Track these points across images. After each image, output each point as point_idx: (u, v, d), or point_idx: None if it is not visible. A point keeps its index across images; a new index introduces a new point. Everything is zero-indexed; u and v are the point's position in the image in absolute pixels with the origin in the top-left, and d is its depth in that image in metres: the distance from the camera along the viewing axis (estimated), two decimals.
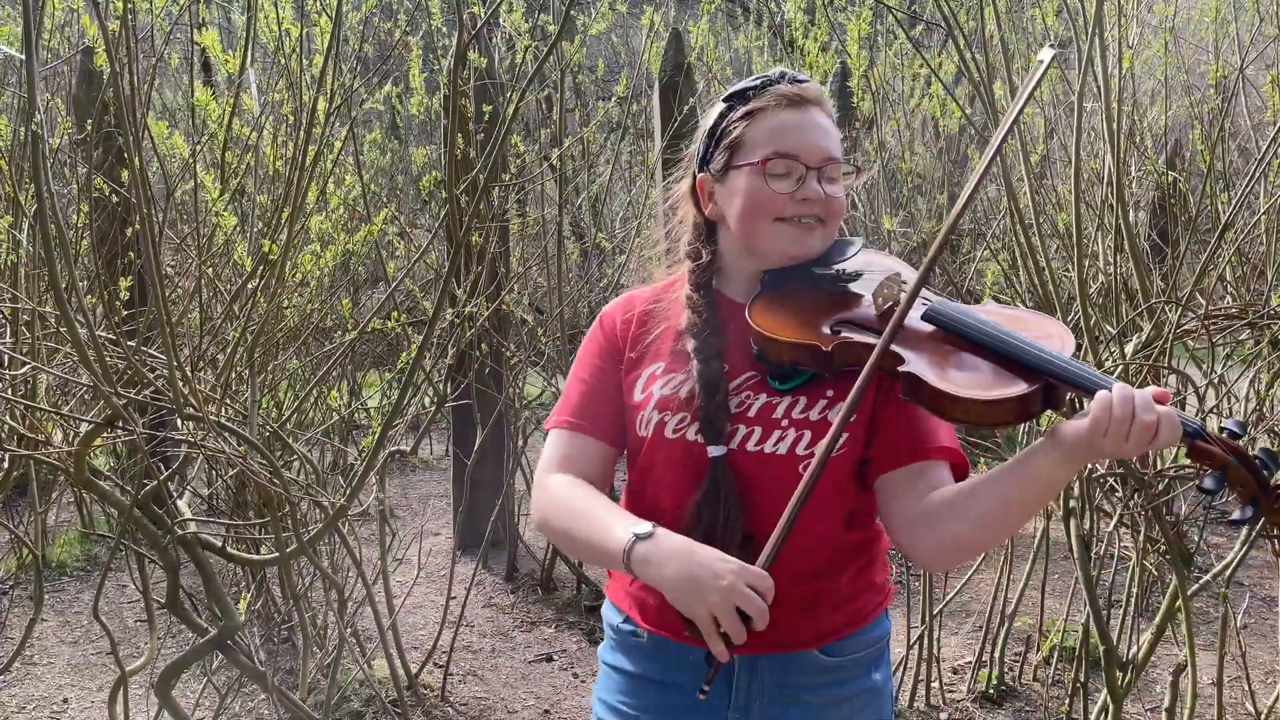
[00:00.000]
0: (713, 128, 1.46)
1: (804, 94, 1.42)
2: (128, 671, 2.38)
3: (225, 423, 2.26)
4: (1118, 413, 1.12)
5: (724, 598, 1.20)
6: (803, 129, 1.40)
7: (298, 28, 2.54)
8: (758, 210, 1.40)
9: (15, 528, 3.51)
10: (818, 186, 1.38)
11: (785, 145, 1.39)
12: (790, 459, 1.34)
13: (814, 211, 1.39)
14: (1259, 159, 2.41)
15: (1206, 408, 2.73)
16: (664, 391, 1.41)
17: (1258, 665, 3.50)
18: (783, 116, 1.40)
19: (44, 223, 1.74)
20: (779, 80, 1.43)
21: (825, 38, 4.23)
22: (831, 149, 1.41)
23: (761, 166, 1.39)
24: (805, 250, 1.40)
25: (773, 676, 1.42)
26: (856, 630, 1.44)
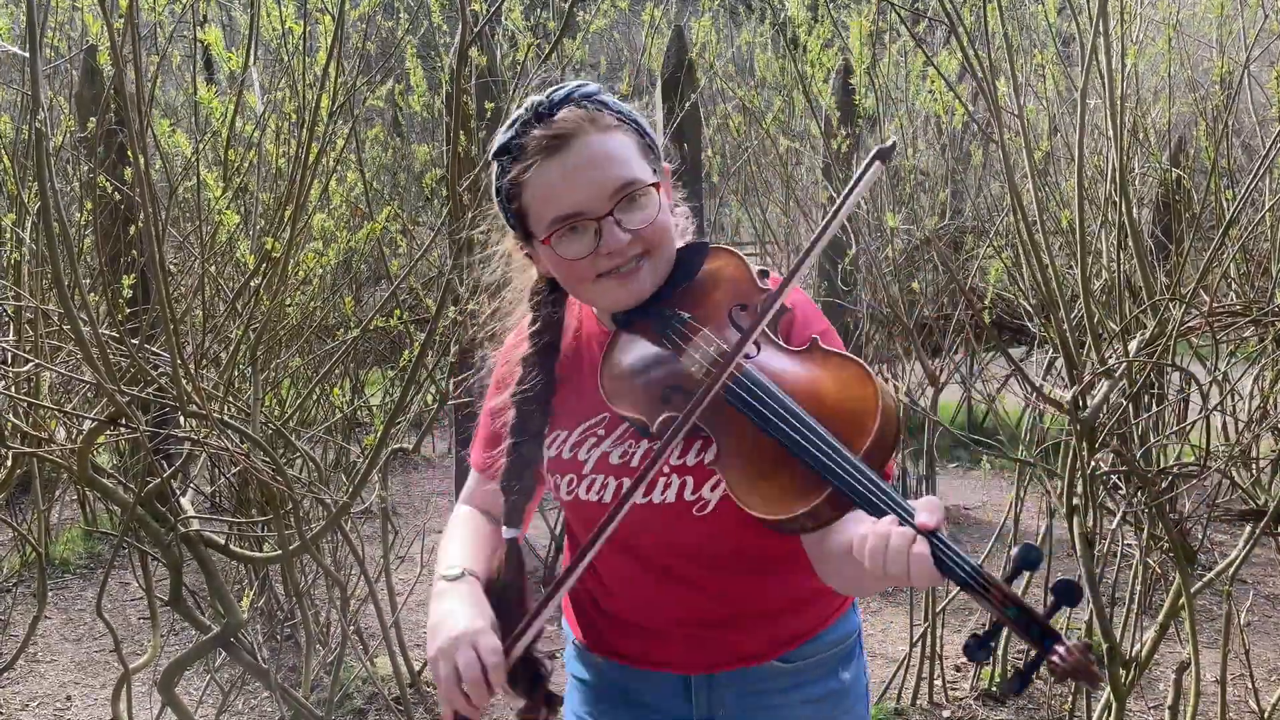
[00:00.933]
0: (498, 191, 1.31)
1: (560, 130, 1.23)
2: (131, 669, 2.38)
3: (228, 420, 2.26)
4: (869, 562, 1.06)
5: (445, 650, 1.19)
6: (571, 177, 1.22)
7: (300, 26, 2.53)
8: (573, 279, 1.28)
9: (19, 525, 3.51)
10: (617, 232, 1.22)
11: (561, 208, 1.23)
12: (680, 506, 1.29)
13: (628, 257, 1.24)
14: (1263, 155, 2.41)
15: (1210, 405, 2.72)
16: (552, 453, 1.37)
17: (1261, 663, 3.49)
18: (547, 172, 1.23)
19: (47, 220, 1.74)
20: (532, 120, 1.25)
21: (828, 35, 4.23)
22: (618, 176, 1.22)
23: (546, 244, 1.25)
24: (637, 295, 1.27)
25: (732, 689, 1.40)
26: (816, 634, 1.41)
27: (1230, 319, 2.66)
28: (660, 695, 1.43)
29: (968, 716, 3.25)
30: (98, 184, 2.95)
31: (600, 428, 1.34)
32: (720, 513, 1.28)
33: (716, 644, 1.39)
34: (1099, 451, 2.45)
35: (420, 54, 4.11)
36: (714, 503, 1.28)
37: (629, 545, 1.33)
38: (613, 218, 1.22)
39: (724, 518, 1.27)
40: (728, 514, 1.24)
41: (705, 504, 1.29)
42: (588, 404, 1.34)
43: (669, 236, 1.29)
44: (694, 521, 1.29)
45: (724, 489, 1.22)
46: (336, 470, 3.52)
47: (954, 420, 5.96)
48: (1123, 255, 2.64)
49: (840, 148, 4.20)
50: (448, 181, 2.46)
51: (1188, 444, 3.16)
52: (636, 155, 1.26)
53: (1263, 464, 2.82)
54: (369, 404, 4.16)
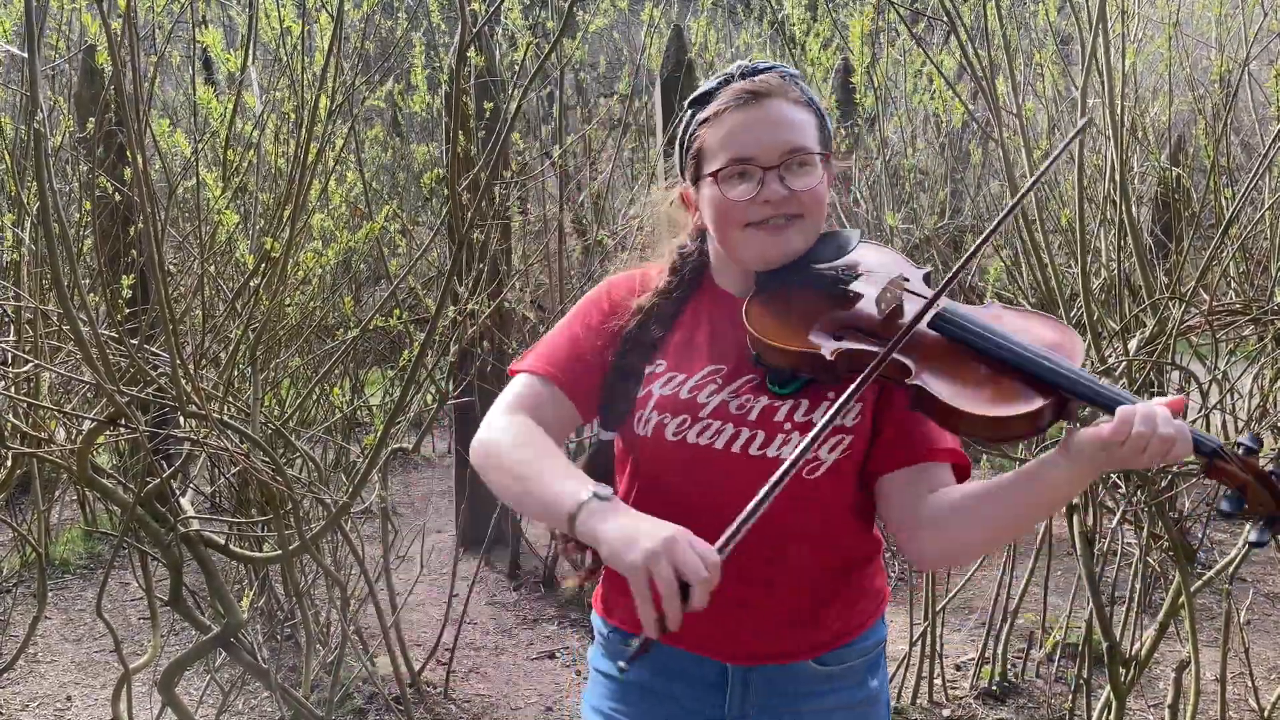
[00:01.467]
0: (679, 137, 1.43)
1: (758, 88, 1.35)
2: (131, 669, 2.38)
3: (228, 420, 2.26)
4: (1140, 428, 1.11)
5: (663, 548, 1.10)
6: (756, 127, 1.33)
7: (299, 26, 2.53)
8: (724, 221, 1.35)
9: (18, 525, 3.51)
10: (778, 186, 1.32)
11: (738, 149, 1.33)
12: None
13: (780, 211, 1.33)
14: (1262, 154, 2.41)
15: (1210, 404, 2.72)
16: (664, 391, 1.36)
17: (1261, 662, 3.50)
18: (736, 118, 1.35)
19: (46, 221, 1.74)
20: (736, 77, 1.38)
21: (827, 34, 4.23)
22: (793, 140, 1.34)
23: (715, 178, 1.34)
24: (783, 252, 1.35)
25: (766, 688, 1.40)
26: (853, 640, 1.42)
27: (1230, 317, 2.66)
28: (694, 689, 1.42)
29: (967, 715, 3.25)
30: (97, 184, 2.95)
31: (719, 376, 1.36)
32: (826, 477, 1.32)
33: (764, 632, 1.38)
34: None
35: (421, 52, 4.11)
36: (826, 465, 1.32)
37: (724, 492, 1.27)
38: (778, 171, 1.32)
39: (828, 483, 1.32)
40: (831, 480, 1.32)
41: (819, 465, 1.32)
42: (707, 351, 1.38)
43: (822, 209, 1.37)
44: (799, 481, 1.29)
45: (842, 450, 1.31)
46: (336, 470, 3.52)
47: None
48: (1122, 254, 2.64)
49: (840, 147, 4.20)
50: (447, 181, 2.46)
51: None
52: (814, 133, 1.37)
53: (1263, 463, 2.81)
54: (369, 404, 4.17)
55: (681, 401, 1.35)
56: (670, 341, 1.40)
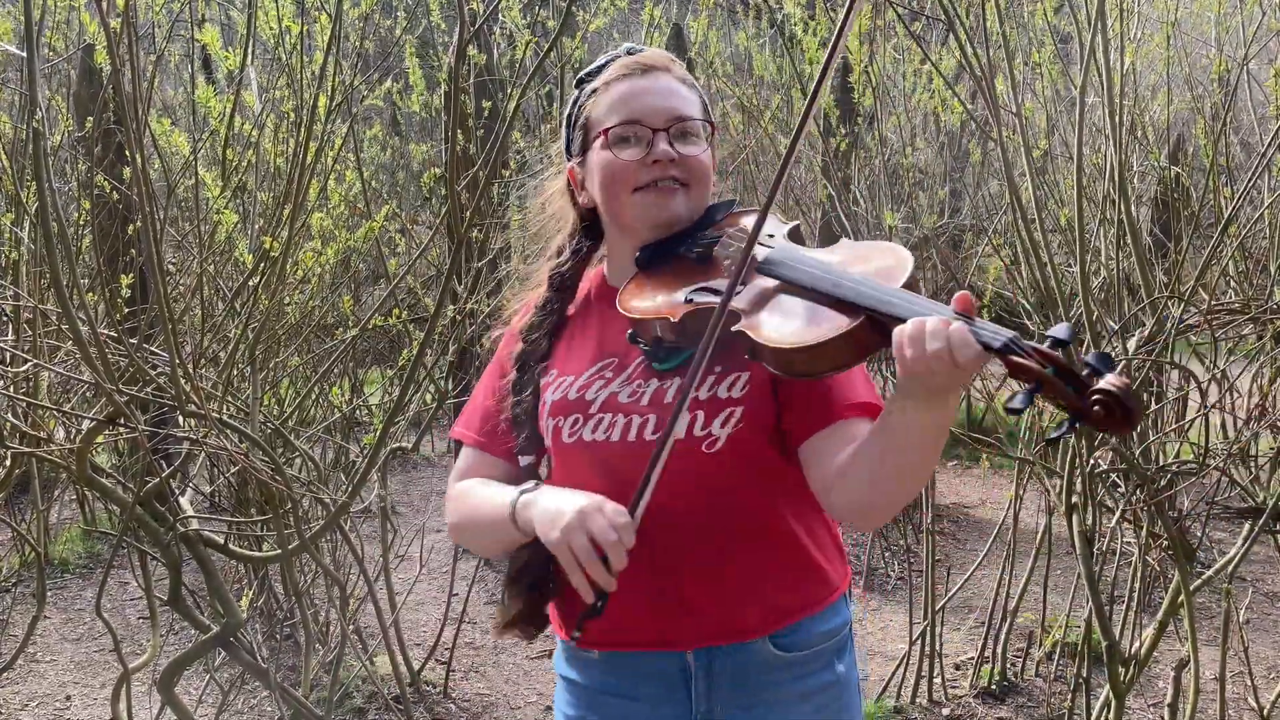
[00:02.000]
0: (569, 114, 1.46)
1: (645, 61, 1.41)
2: (130, 669, 2.38)
3: (227, 420, 2.26)
4: (909, 351, 1.07)
5: (577, 521, 1.21)
6: (644, 94, 1.38)
7: (298, 25, 2.53)
8: (614, 183, 1.38)
9: (18, 525, 3.51)
10: (666, 147, 1.35)
11: (627, 112, 1.37)
12: (689, 442, 1.31)
13: (668, 173, 1.36)
14: (1262, 153, 2.41)
15: (1209, 403, 2.72)
16: (554, 397, 1.40)
17: (1260, 661, 3.50)
18: (624, 85, 1.39)
19: (45, 220, 1.74)
20: (624, 54, 1.43)
21: (825, 33, 4.23)
22: (679, 108, 1.38)
23: (605, 137, 1.37)
24: (669, 215, 1.37)
25: (730, 678, 1.40)
26: (808, 617, 1.41)
27: (1229, 316, 2.66)
28: (659, 688, 1.41)
29: (967, 714, 3.25)
30: (96, 183, 2.95)
31: (609, 370, 1.39)
32: (728, 451, 1.32)
33: (709, 611, 1.38)
34: (1098, 449, 2.45)
35: (418, 53, 4.11)
36: (723, 439, 1.32)
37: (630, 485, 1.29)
38: (666, 134, 1.36)
39: (731, 457, 1.32)
40: (735, 454, 1.31)
41: (715, 440, 1.32)
42: (596, 349, 1.41)
43: (707, 179, 1.40)
44: (702, 459, 1.32)
45: (735, 422, 1.30)
46: (335, 469, 3.52)
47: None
48: (1121, 253, 2.64)
49: (839, 146, 4.20)
50: (446, 180, 2.46)
51: (1187, 442, 3.17)
52: (699, 109, 1.42)
53: (1261, 461, 2.82)
54: (368, 403, 4.16)
55: (570, 402, 1.39)
56: (557, 349, 1.46)
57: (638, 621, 1.39)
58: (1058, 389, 1.02)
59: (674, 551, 1.36)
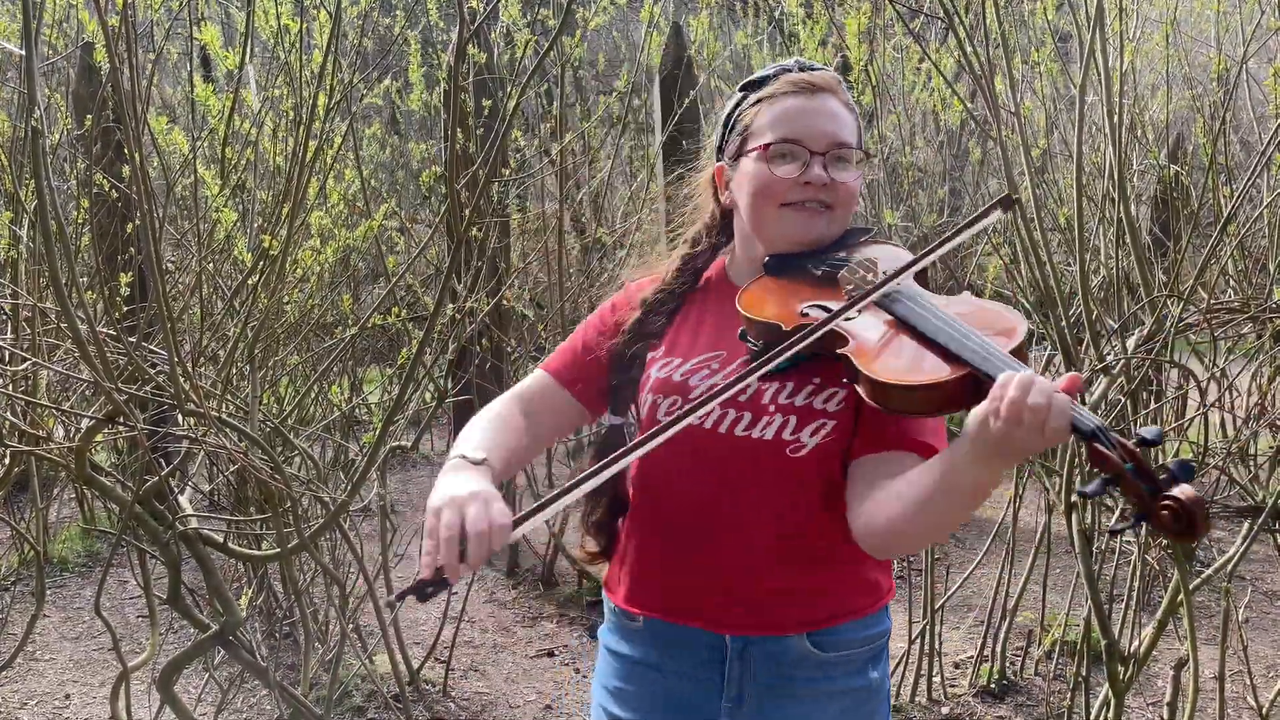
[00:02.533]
0: (728, 116, 1.49)
1: (815, 81, 1.43)
2: (130, 667, 2.38)
3: (226, 418, 2.26)
4: (1012, 393, 1.07)
5: (457, 502, 1.20)
6: (809, 114, 1.40)
7: (297, 23, 2.53)
8: (763, 195, 1.41)
9: (17, 524, 3.51)
10: (821, 171, 1.39)
11: (790, 130, 1.40)
12: (776, 444, 1.35)
13: (818, 196, 1.39)
14: (1261, 152, 2.41)
15: (1209, 401, 2.72)
16: (659, 375, 1.44)
17: (1259, 660, 3.50)
18: (791, 102, 1.42)
19: (44, 218, 1.74)
20: (792, 69, 1.46)
21: (824, 31, 4.22)
22: (840, 134, 1.41)
23: (764, 152, 1.40)
24: (810, 235, 1.41)
25: (763, 666, 1.42)
26: (848, 622, 1.43)
27: (1228, 315, 2.66)
28: (694, 665, 1.45)
29: (966, 713, 3.25)
30: (95, 182, 2.94)
31: (715, 361, 1.42)
32: (811, 459, 1.35)
33: (754, 606, 1.40)
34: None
35: (419, 50, 4.10)
36: (809, 447, 1.35)
37: (712, 477, 1.39)
38: (823, 158, 1.39)
39: (813, 466, 1.35)
40: (816, 465, 1.35)
41: (801, 447, 1.35)
42: (708, 339, 1.45)
43: (851, 205, 1.44)
44: (785, 461, 1.35)
45: (824, 434, 1.34)
46: (335, 468, 3.52)
47: (952, 417, 5.96)
48: (1121, 252, 2.64)
49: None
50: (445, 179, 2.46)
51: (1186, 440, 3.17)
52: (856, 135, 1.45)
53: (1260, 460, 2.82)
54: (367, 402, 4.17)
55: (674, 384, 1.42)
56: (671, 331, 1.49)
57: (685, 596, 1.44)
58: (1133, 487, 1.05)
59: (735, 545, 1.40)
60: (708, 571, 1.42)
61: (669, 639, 1.46)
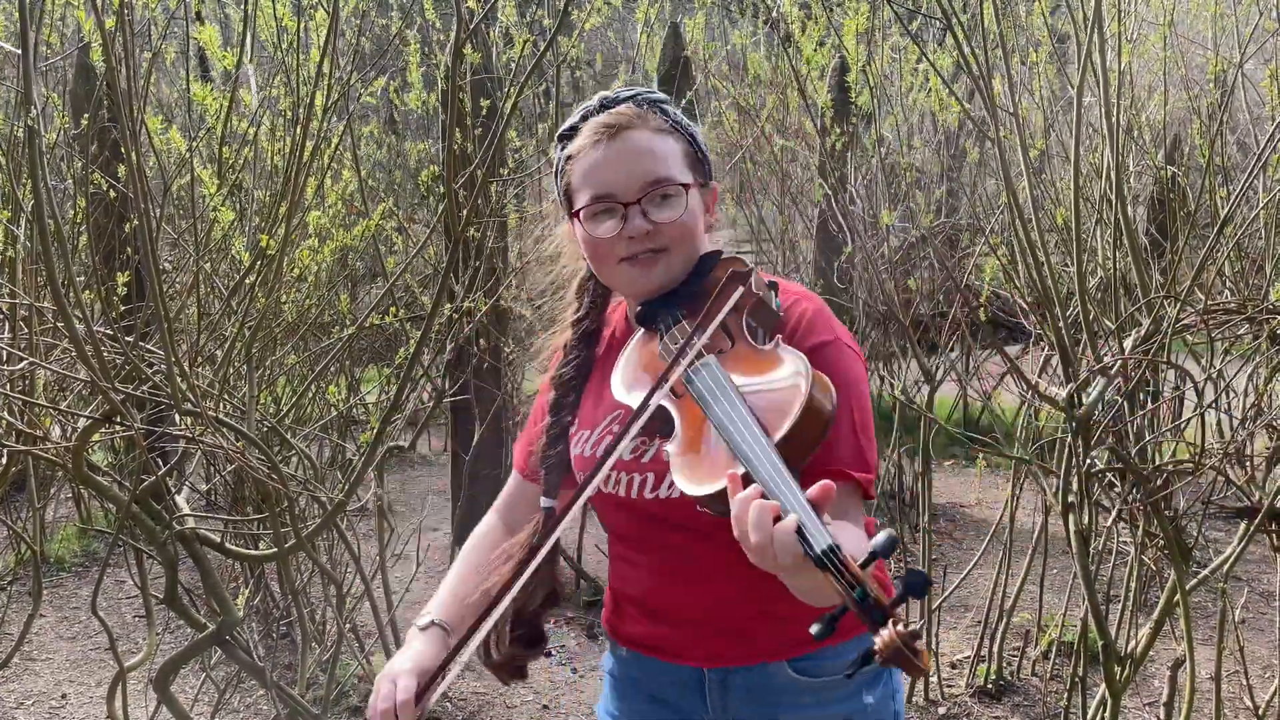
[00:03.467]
0: (556, 173, 1.44)
1: (614, 121, 1.36)
2: (126, 667, 2.38)
3: (223, 418, 2.26)
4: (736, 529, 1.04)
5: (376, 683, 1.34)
6: (614, 164, 1.34)
7: (295, 22, 2.53)
8: (596, 258, 1.38)
9: (14, 523, 3.50)
10: (640, 221, 1.32)
11: (599, 186, 1.34)
12: (685, 501, 1.26)
13: (645, 246, 1.34)
14: (1258, 154, 2.41)
15: (1205, 403, 2.72)
16: (576, 452, 1.44)
17: (1256, 660, 3.50)
18: (594, 155, 1.35)
19: (41, 218, 1.74)
20: (596, 109, 1.39)
21: (822, 33, 4.23)
22: (654, 171, 1.33)
23: (581, 216, 1.36)
24: (651, 284, 1.36)
25: (745, 693, 1.40)
26: (833, 645, 1.36)
27: (1225, 316, 2.66)
28: (677, 692, 1.45)
29: (963, 713, 3.26)
30: (92, 181, 2.94)
31: (616, 423, 1.40)
32: None
33: (725, 639, 1.39)
34: (1094, 449, 2.45)
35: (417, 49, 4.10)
36: None
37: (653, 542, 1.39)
38: (639, 206, 1.33)
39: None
40: None
41: None
42: (608, 403, 1.41)
43: (691, 238, 1.37)
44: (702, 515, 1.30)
45: None
46: (332, 468, 3.52)
47: (950, 418, 5.97)
48: (1118, 253, 2.64)
49: (835, 145, 4.20)
50: (443, 178, 2.46)
51: (1182, 441, 3.17)
52: (679, 160, 1.37)
53: (1257, 461, 2.82)
54: (365, 402, 4.16)
55: (588, 459, 1.41)
56: (584, 399, 1.48)
57: (654, 632, 1.45)
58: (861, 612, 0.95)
59: (700, 593, 1.39)
60: (678, 618, 1.42)
61: (654, 671, 1.47)
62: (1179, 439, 3.22)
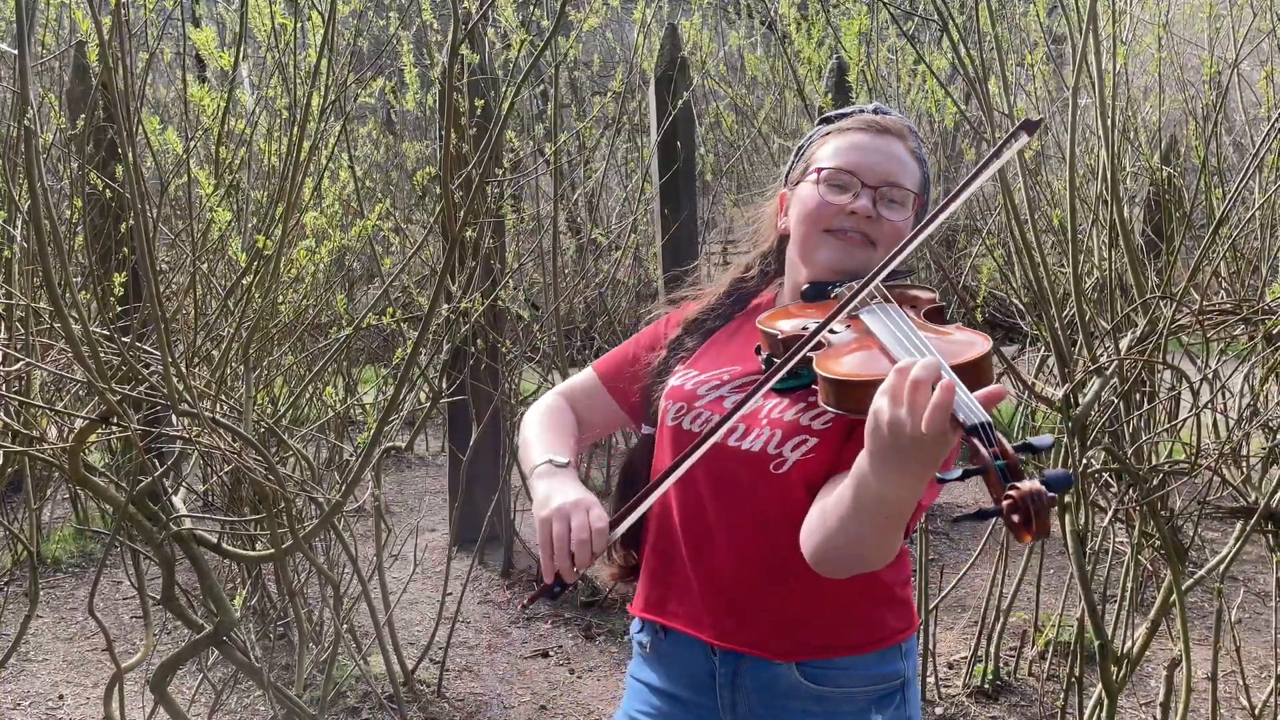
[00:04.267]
0: (800, 145, 1.55)
1: (883, 123, 1.48)
2: (123, 668, 2.38)
3: (220, 419, 2.26)
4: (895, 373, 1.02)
5: (560, 513, 1.32)
6: (870, 150, 1.44)
7: (291, 22, 2.53)
8: (810, 218, 1.44)
9: (10, 524, 3.50)
10: (868, 204, 1.41)
11: (847, 161, 1.44)
12: (762, 456, 1.36)
13: (861, 227, 1.41)
14: (1253, 154, 2.41)
15: (1201, 403, 2.73)
16: (674, 383, 1.50)
17: (1252, 660, 3.51)
18: (855, 137, 1.46)
19: (37, 218, 1.74)
20: (869, 111, 1.51)
21: (820, 34, 4.23)
22: (896, 175, 1.43)
23: (818, 175, 1.44)
24: (848, 264, 1.41)
25: (755, 693, 1.41)
26: (844, 657, 1.39)
27: (1220, 317, 2.67)
28: (690, 689, 1.47)
29: (960, 713, 3.26)
30: (88, 181, 2.94)
31: (727, 374, 1.46)
32: (794, 476, 1.35)
33: (746, 616, 1.40)
34: (1090, 449, 2.46)
35: (413, 50, 4.10)
36: (790, 462, 1.35)
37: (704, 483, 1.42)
38: (874, 192, 1.42)
39: (797, 483, 1.34)
40: (802, 481, 1.34)
41: (784, 462, 1.36)
42: (730, 355, 1.48)
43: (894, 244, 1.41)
44: (768, 478, 1.36)
45: (805, 451, 1.34)
46: (329, 469, 3.52)
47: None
48: (1114, 254, 2.64)
49: None
50: (440, 179, 2.46)
51: (1178, 441, 3.18)
52: (917, 182, 1.48)
53: (1253, 461, 2.83)
54: (362, 402, 4.16)
55: (685, 392, 1.47)
56: (702, 349, 1.54)
57: (680, 599, 1.47)
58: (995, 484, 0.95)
59: (727, 551, 1.41)
60: (702, 575, 1.44)
61: (678, 665, 1.48)
62: (1175, 439, 3.22)
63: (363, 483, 2.79)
